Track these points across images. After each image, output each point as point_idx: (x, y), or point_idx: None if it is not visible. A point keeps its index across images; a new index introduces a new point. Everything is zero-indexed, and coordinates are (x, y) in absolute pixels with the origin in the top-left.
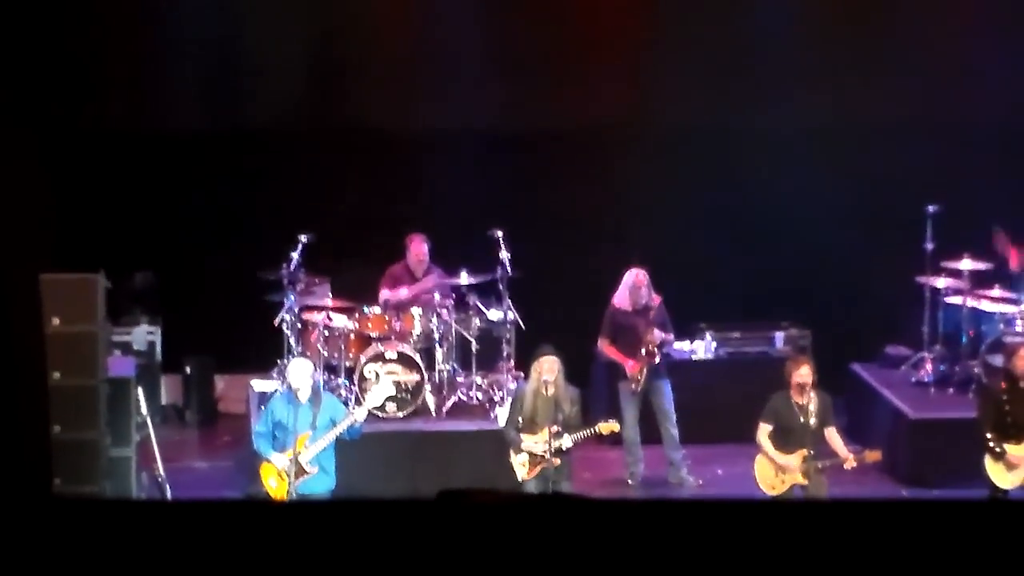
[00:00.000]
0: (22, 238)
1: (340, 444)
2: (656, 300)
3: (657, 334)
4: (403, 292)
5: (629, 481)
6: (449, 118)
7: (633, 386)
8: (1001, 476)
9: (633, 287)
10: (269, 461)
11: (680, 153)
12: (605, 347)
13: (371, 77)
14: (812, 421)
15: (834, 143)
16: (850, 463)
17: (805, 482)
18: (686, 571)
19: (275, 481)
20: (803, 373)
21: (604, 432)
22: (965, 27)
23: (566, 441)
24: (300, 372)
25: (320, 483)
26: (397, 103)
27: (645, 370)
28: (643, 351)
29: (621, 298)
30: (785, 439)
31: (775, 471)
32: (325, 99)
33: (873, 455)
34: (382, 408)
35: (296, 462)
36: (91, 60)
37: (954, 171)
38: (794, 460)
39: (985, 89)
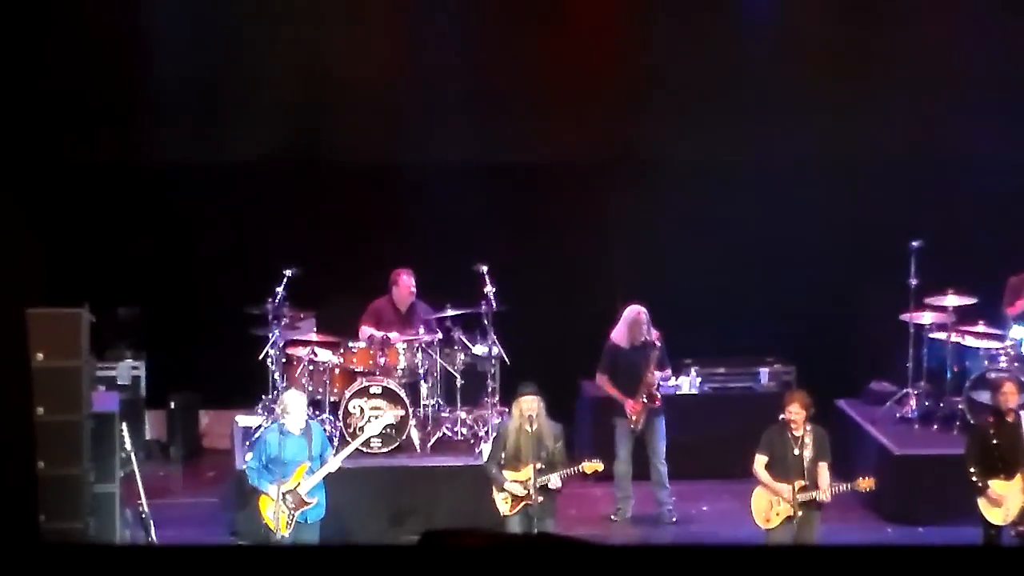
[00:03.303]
0: (8, 272)
1: (327, 476)
2: (656, 336)
3: (657, 376)
4: (393, 335)
5: (613, 517)
6: (434, 152)
7: (632, 426)
8: (989, 512)
9: (634, 323)
10: (267, 494)
11: (665, 188)
12: (604, 383)
13: (356, 111)
14: (807, 454)
15: (818, 178)
16: (824, 496)
17: (799, 514)
18: None
19: (274, 513)
20: (795, 409)
21: (588, 472)
22: (951, 62)
23: (554, 480)
24: (296, 403)
25: (316, 513)
26: (382, 137)
27: (644, 412)
28: (644, 395)
29: (620, 334)
30: (780, 471)
31: (770, 503)
32: (310, 133)
33: (867, 483)
34: (367, 443)
35: (296, 492)
36: (77, 94)
37: (938, 206)
38: (788, 490)
39: (971, 124)
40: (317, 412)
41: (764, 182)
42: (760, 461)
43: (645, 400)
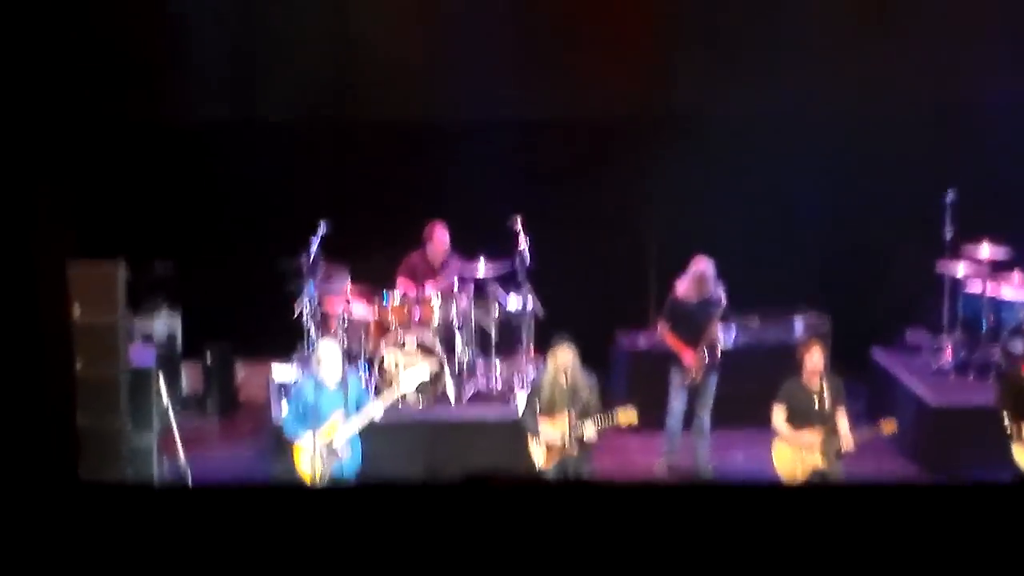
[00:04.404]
0: (48, 228)
1: (363, 429)
2: (721, 292)
3: (720, 332)
4: (428, 291)
5: (657, 470)
6: (469, 107)
7: (688, 379)
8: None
9: (701, 278)
10: (302, 446)
11: (699, 141)
12: (665, 333)
13: (391, 66)
14: (826, 404)
15: (853, 129)
16: (848, 444)
17: (824, 466)
18: (706, 555)
19: (309, 464)
20: (815, 358)
21: (622, 420)
22: (987, 10)
23: (589, 431)
24: (330, 353)
25: (351, 465)
26: (417, 92)
27: (702, 365)
28: (705, 349)
29: (685, 287)
30: (800, 423)
31: (793, 455)
32: (345, 88)
33: (888, 426)
34: (403, 397)
35: (330, 445)
36: (113, 51)
37: (974, 157)
38: (812, 436)
39: (1008, 74)
40: (352, 366)
41: (800, 134)
42: (779, 414)
43: (707, 356)
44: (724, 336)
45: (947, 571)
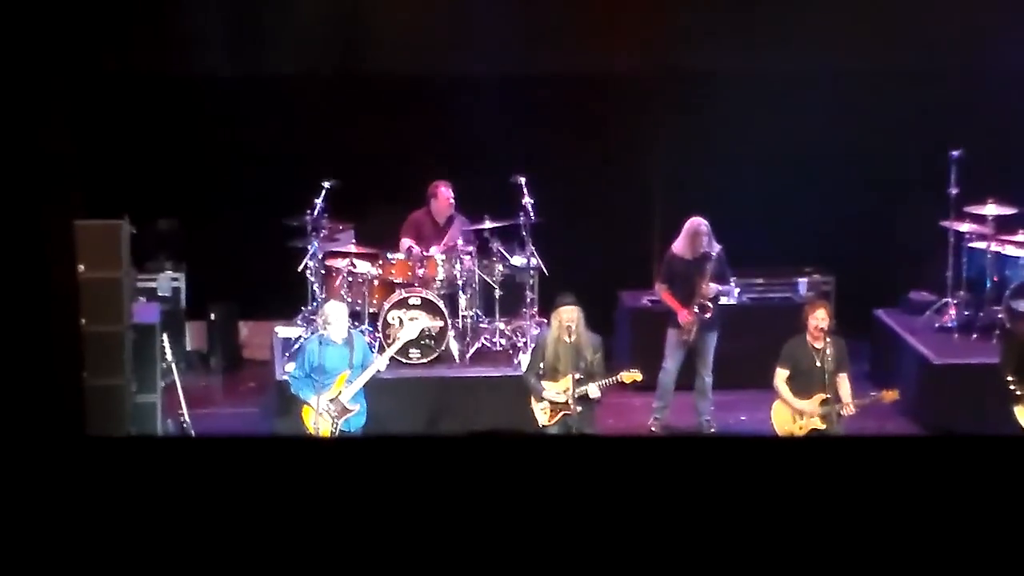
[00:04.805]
0: (54, 184)
1: (367, 385)
2: (716, 249)
3: (712, 288)
4: (433, 250)
5: (652, 428)
6: (472, 63)
7: (684, 336)
8: None
9: (694, 235)
10: (309, 403)
11: (703, 99)
12: (662, 292)
13: (395, 22)
14: (828, 365)
15: (857, 87)
16: (849, 409)
17: (823, 427)
18: (709, 507)
19: (317, 421)
20: (820, 316)
21: (626, 380)
22: None
23: (593, 390)
24: (337, 313)
25: (357, 420)
26: (420, 48)
27: (696, 323)
28: (696, 305)
29: (680, 245)
30: (802, 384)
31: (793, 417)
32: (348, 44)
33: (890, 395)
34: (406, 354)
35: (339, 401)
36: (115, 4)
37: (978, 116)
38: (811, 404)
39: (1013, 33)
40: (356, 323)
41: (803, 92)
42: (781, 375)
43: (697, 311)
44: (722, 293)
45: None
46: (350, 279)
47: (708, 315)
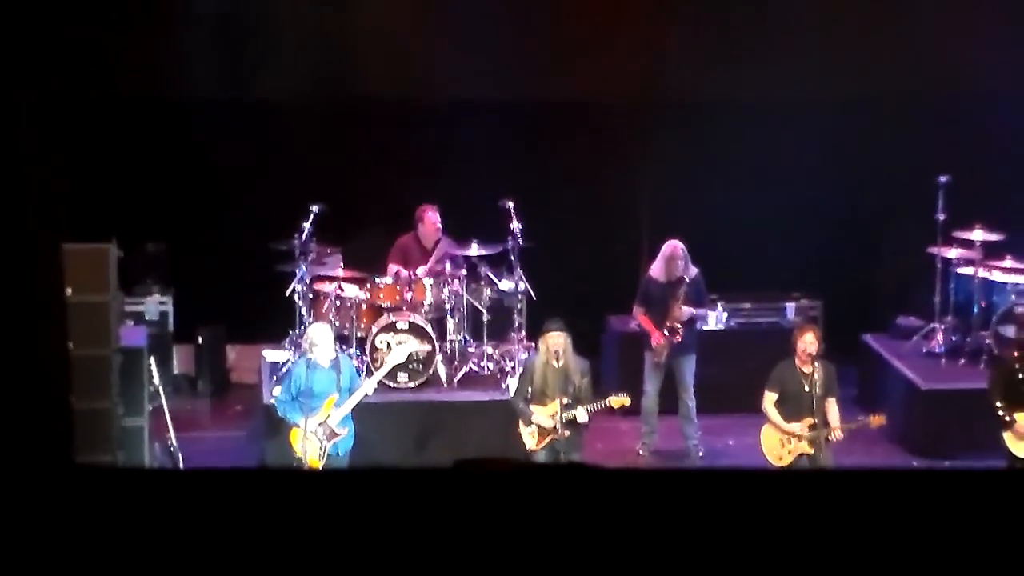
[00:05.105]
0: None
1: (355, 409)
2: (692, 273)
3: (684, 311)
4: (420, 271)
5: (640, 452)
6: (461, 88)
7: (655, 359)
8: (1015, 446)
9: (670, 258)
10: (297, 426)
11: (691, 124)
12: (638, 315)
13: (383, 47)
14: (817, 390)
15: (846, 113)
16: (836, 434)
17: (811, 451)
18: (699, 540)
19: (305, 445)
20: (808, 341)
21: (615, 406)
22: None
23: (581, 414)
24: (322, 335)
25: (345, 444)
26: (409, 73)
27: (668, 345)
28: (666, 328)
29: (657, 268)
30: (790, 408)
31: (781, 441)
32: (337, 68)
33: (877, 420)
34: (394, 378)
35: (327, 424)
36: (104, 28)
37: (966, 141)
38: (799, 429)
39: (1000, 58)
40: (344, 347)
41: (791, 118)
42: (770, 398)
43: (667, 333)
44: (697, 316)
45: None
46: (338, 303)
47: (678, 338)
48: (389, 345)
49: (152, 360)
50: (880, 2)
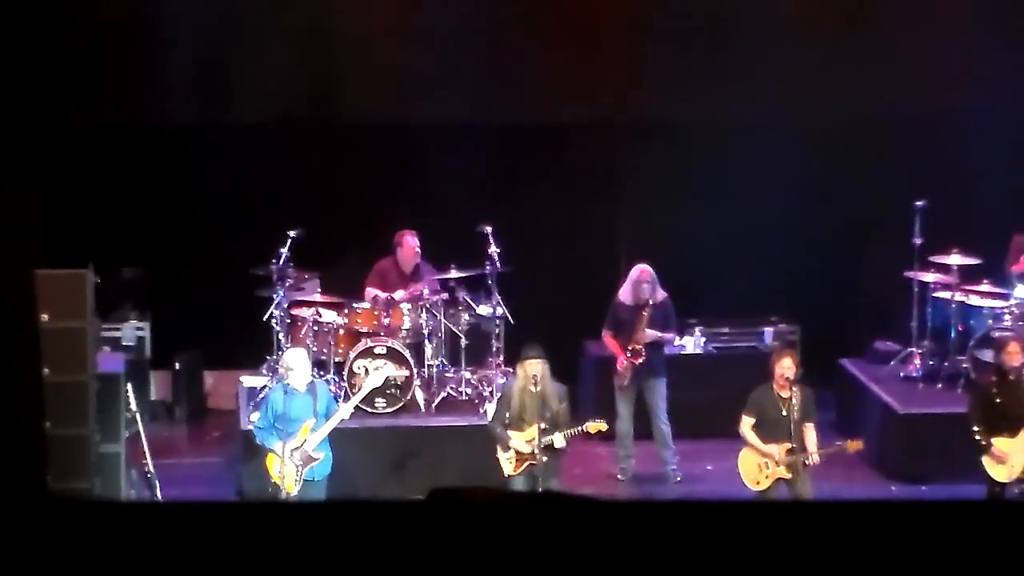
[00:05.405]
0: (15, 233)
1: (333, 434)
2: (660, 297)
3: (648, 334)
4: (399, 294)
5: (619, 476)
6: (439, 113)
7: (620, 381)
8: (994, 470)
9: (636, 282)
10: (274, 452)
11: (669, 148)
12: (607, 338)
13: (361, 72)
14: (795, 415)
15: (822, 138)
16: (814, 459)
17: (789, 476)
18: (677, 571)
19: (282, 470)
20: (786, 365)
21: (592, 431)
22: (953, 22)
23: (558, 440)
24: (298, 360)
25: (323, 469)
26: (387, 98)
27: (630, 368)
28: (629, 351)
29: (625, 291)
30: (768, 433)
31: (759, 466)
32: (315, 94)
33: (855, 444)
34: (371, 403)
35: (303, 450)
36: (80, 54)
37: (942, 166)
38: (777, 453)
39: (978, 82)
40: (321, 372)
41: (769, 142)
42: (747, 422)
43: (630, 355)
44: (664, 340)
45: None
46: (315, 328)
47: (639, 361)
48: (367, 370)
49: (129, 386)
50: (857, 26)
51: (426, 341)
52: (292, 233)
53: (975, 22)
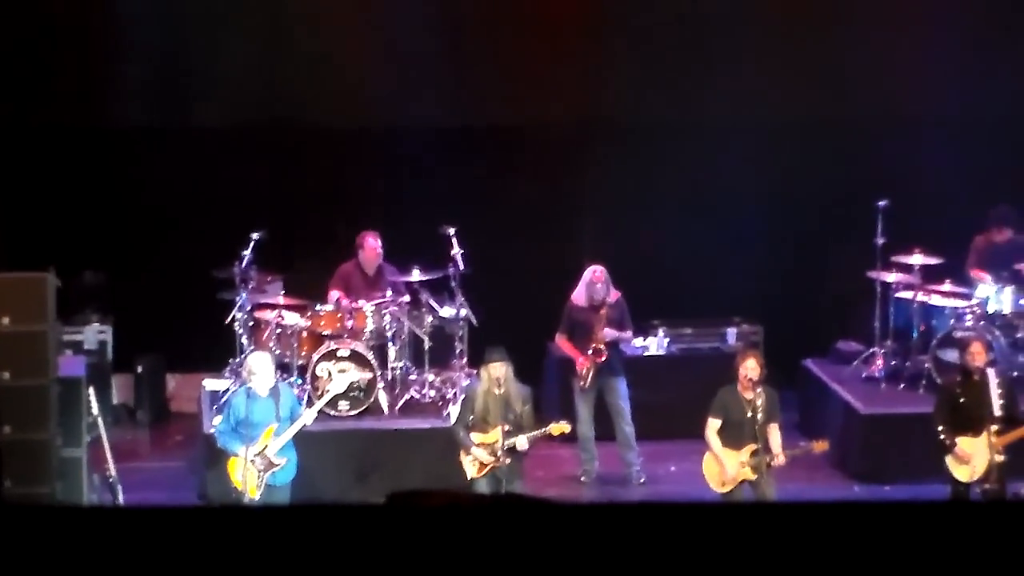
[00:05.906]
0: None
1: (296, 437)
2: (614, 297)
3: (608, 332)
4: (362, 303)
5: (582, 479)
6: (401, 114)
7: (581, 383)
8: (957, 470)
9: (590, 283)
10: (236, 456)
11: (632, 148)
12: (561, 342)
13: (322, 73)
14: (759, 416)
15: (784, 138)
16: (779, 460)
17: (754, 478)
18: (642, 574)
19: (244, 475)
20: (750, 367)
21: (555, 433)
22: (916, 23)
23: (521, 442)
24: (261, 364)
25: (286, 474)
26: (348, 99)
27: (592, 368)
28: (590, 350)
29: (578, 293)
30: (733, 434)
31: (724, 466)
32: (276, 95)
33: (820, 445)
34: (335, 406)
35: (265, 455)
36: (39, 56)
37: (905, 167)
38: (743, 456)
39: (939, 84)
40: (285, 375)
41: (731, 142)
42: (713, 425)
43: (591, 354)
44: (621, 339)
45: None
46: (279, 331)
47: (601, 359)
48: (330, 373)
49: (91, 390)
50: (817, 30)
51: (390, 343)
52: (255, 235)
53: (936, 25)
